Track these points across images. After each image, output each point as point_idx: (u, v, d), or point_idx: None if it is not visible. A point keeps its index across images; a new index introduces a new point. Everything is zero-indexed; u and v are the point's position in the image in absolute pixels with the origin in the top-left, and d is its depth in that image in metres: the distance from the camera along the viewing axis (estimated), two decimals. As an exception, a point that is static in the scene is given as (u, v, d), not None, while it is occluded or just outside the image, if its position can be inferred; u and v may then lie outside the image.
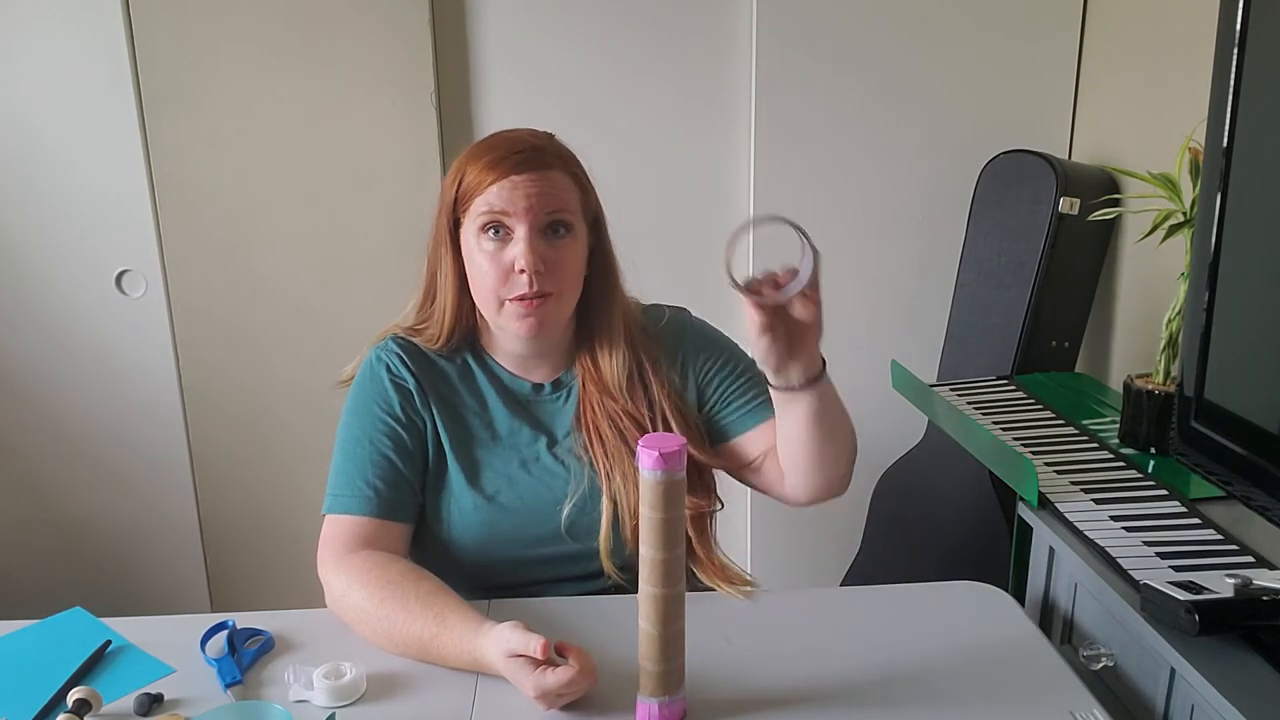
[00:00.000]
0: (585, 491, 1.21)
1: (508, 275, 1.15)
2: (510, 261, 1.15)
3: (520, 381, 1.26)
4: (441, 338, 1.24)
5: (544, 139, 1.20)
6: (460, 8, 2.17)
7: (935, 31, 2.18)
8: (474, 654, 1.02)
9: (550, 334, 1.22)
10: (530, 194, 1.14)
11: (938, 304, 2.24)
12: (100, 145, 2.14)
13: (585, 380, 1.24)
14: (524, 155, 1.15)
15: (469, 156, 1.18)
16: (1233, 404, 1.14)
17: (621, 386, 1.22)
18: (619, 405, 1.22)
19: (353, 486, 1.18)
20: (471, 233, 1.17)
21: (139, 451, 2.31)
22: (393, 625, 1.07)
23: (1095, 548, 1.26)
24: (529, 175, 1.14)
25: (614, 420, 1.21)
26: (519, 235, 1.14)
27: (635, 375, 1.24)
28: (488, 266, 1.16)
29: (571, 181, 1.18)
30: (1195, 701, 1.04)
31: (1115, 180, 2.01)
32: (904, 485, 2.21)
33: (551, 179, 1.16)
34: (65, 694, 1.00)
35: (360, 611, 1.10)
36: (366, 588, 1.10)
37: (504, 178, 1.14)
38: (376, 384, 1.23)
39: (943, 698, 1.01)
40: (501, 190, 1.14)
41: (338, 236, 2.23)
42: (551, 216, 1.15)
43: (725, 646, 1.10)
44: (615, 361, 1.23)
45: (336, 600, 1.14)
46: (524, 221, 1.14)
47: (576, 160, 1.22)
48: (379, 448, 1.20)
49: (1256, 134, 1.09)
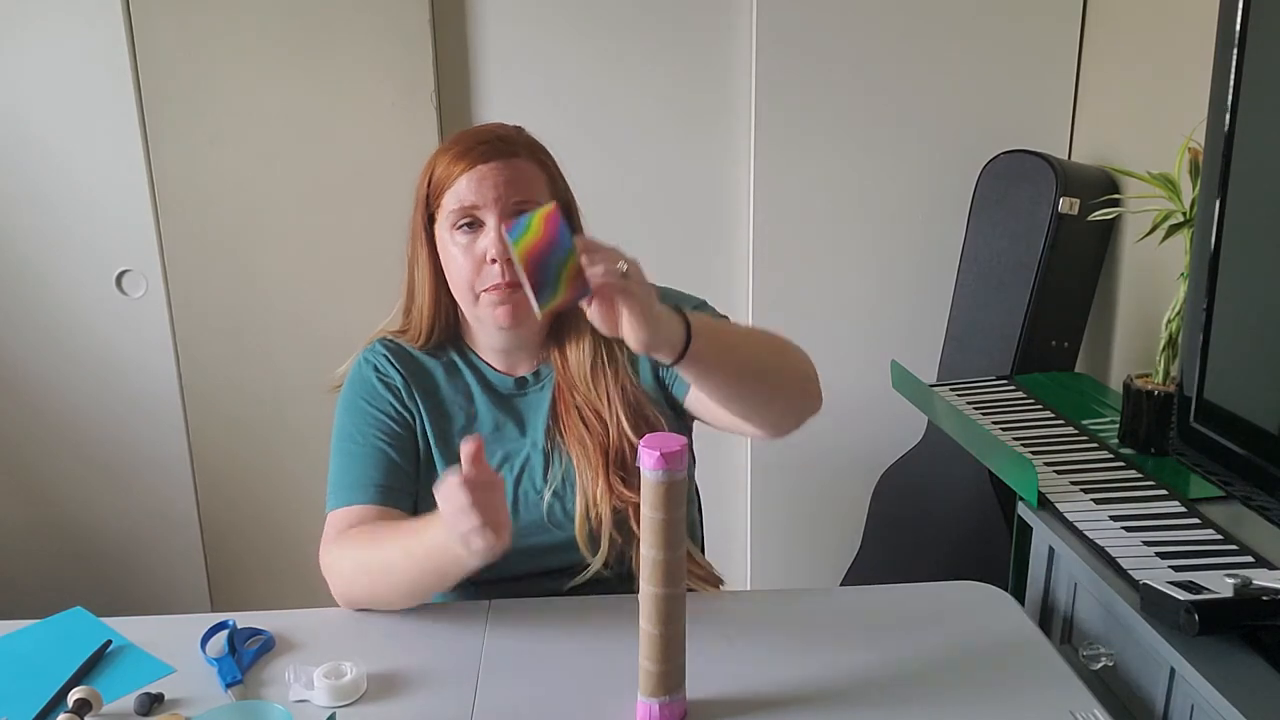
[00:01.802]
0: (561, 480, 1.23)
1: (480, 266, 1.18)
2: (482, 252, 1.18)
3: (504, 377, 1.29)
4: (423, 335, 1.27)
5: (511, 130, 1.23)
6: (460, 8, 2.17)
7: (935, 31, 2.18)
8: (443, 533, 1.01)
9: (527, 323, 1.22)
10: (498, 183, 1.17)
11: (938, 304, 2.24)
12: (100, 145, 2.14)
13: (557, 372, 1.27)
14: (490, 145, 1.18)
15: (438, 152, 1.22)
16: (1232, 404, 1.14)
17: (586, 377, 1.24)
18: (582, 395, 1.24)
19: (351, 481, 1.21)
20: (445, 228, 1.20)
21: (139, 451, 2.31)
22: (385, 558, 1.12)
23: (1095, 548, 1.26)
24: (495, 164, 1.17)
25: (581, 411, 1.24)
26: (490, 224, 1.17)
27: (599, 364, 1.25)
28: (462, 259, 1.19)
29: (539, 169, 1.21)
30: (1195, 701, 1.04)
31: (1115, 180, 2.01)
32: (904, 485, 2.22)
33: (518, 167, 1.19)
34: (65, 694, 1.00)
35: (356, 565, 1.14)
36: (357, 545, 1.15)
37: (471, 168, 1.17)
38: (365, 384, 1.26)
39: (943, 698, 1.01)
40: (470, 181, 1.17)
41: (338, 236, 2.23)
42: (519, 205, 1.17)
43: (725, 646, 1.10)
44: (580, 352, 1.25)
45: (331, 568, 1.17)
46: (493, 211, 1.17)
47: (544, 149, 1.24)
48: (373, 442, 1.22)
49: (1256, 134, 1.09)
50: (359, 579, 1.15)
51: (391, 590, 1.14)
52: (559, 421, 1.25)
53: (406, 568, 1.11)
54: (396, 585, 1.14)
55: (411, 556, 1.10)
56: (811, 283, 2.29)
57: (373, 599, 1.17)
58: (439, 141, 2.17)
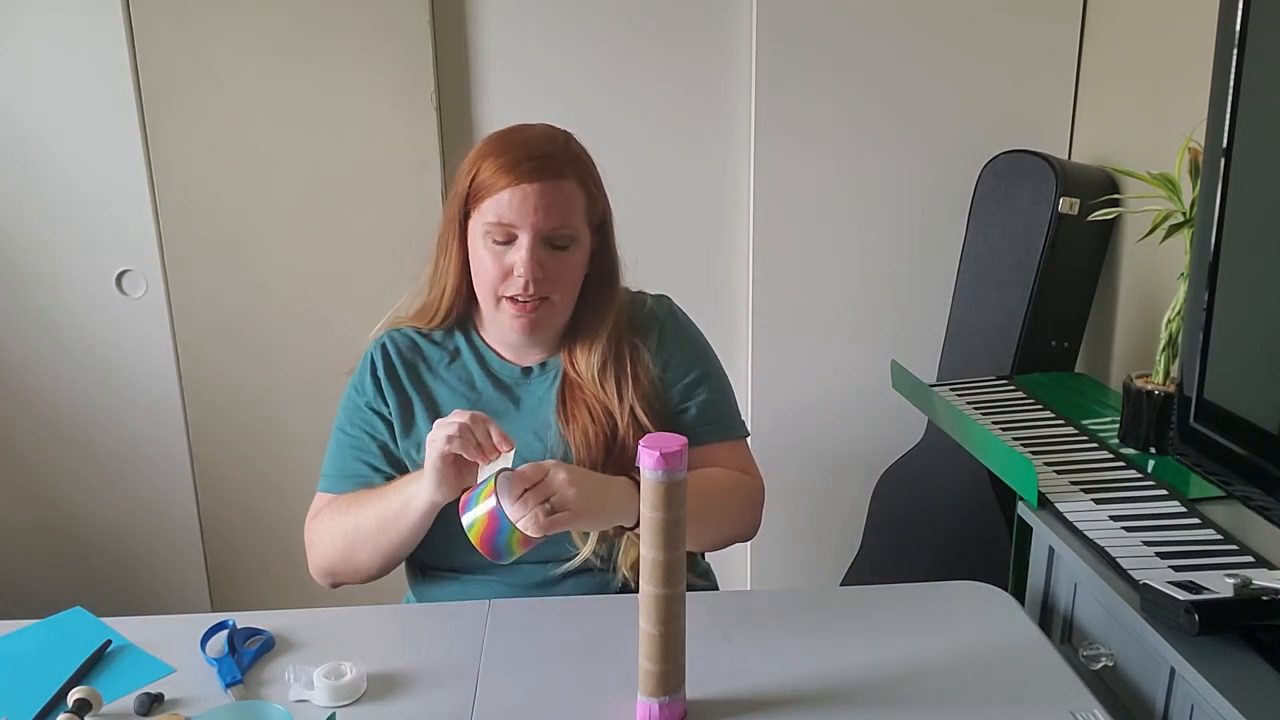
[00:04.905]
0: None
1: (507, 275, 1.20)
2: (511, 264, 1.19)
3: (510, 366, 1.30)
4: (439, 315, 1.30)
5: (560, 144, 1.23)
6: (460, 8, 2.17)
7: (935, 31, 2.17)
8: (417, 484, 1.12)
9: (544, 335, 1.27)
10: (539, 205, 1.17)
11: (938, 304, 2.24)
12: (100, 145, 2.14)
13: (566, 366, 1.29)
14: (538, 163, 1.18)
15: (486, 151, 1.21)
16: (1232, 404, 1.14)
17: (595, 376, 1.26)
18: (592, 393, 1.26)
19: (338, 470, 1.27)
20: (478, 230, 1.21)
21: (139, 451, 2.31)
22: (356, 519, 1.19)
23: (1095, 548, 1.26)
24: (540, 185, 1.17)
25: (589, 404, 1.25)
26: (522, 242, 1.19)
27: (611, 367, 1.26)
28: (490, 263, 1.20)
29: (580, 189, 1.22)
30: (1195, 701, 1.04)
31: (1115, 180, 2.01)
32: (903, 485, 2.21)
33: (562, 189, 1.19)
34: (65, 694, 1.00)
35: (331, 532, 1.22)
36: (331, 515, 1.23)
37: (515, 185, 1.17)
38: (360, 375, 1.31)
39: (943, 698, 1.01)
40: (513, 198, 1.17)
41: (338, 236, 2.23)
42: (556, 229, 1.19)
43: (725, 646, 1.10)
44: (595, 352, 1.27)
45: (310, 541, 1.26)
46: (529, 231, 1.18)
47: (590, 163, 1.25)
48: (361, 432, 1.28)
49: (1256, 134, 1.09)
50: (335, 543, 1.22)
51: (376, 551, 1.19)
52: (565, 411, 1.26)
53: (389, 525, 1.18)
54: (378, 543, 1.19)
55: (395, 509, 1.17)
56: (812, 282, 2.29)
57: (345, 561, 1.22)
58: (439, 142, 2.18)
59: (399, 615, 1.24)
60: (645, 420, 1.24)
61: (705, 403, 1.31)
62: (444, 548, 1.24)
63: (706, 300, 2.25)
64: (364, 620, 1.20)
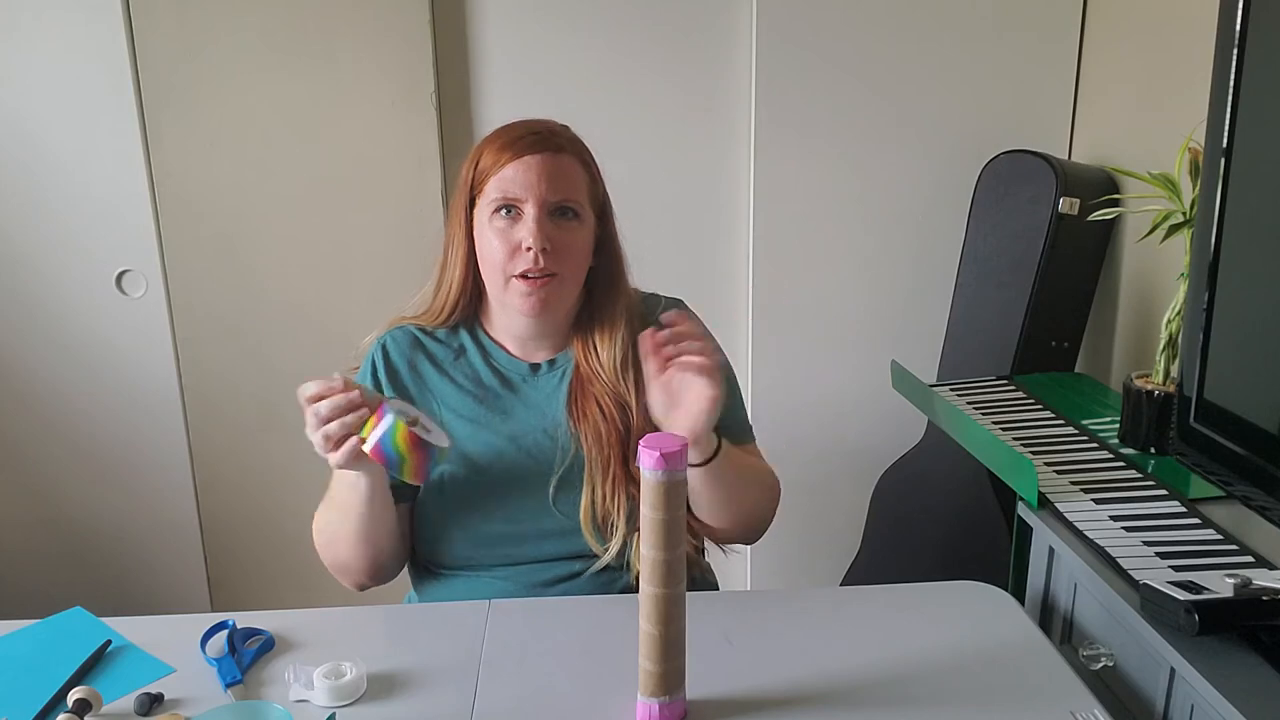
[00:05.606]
0: (570, 466, 1.24)
1: (515, 252, 1.20)
2: (519, 240, 1.20)
3: (517, 362, 1.30)
4: (444, 313, 1.30)
5: (558, 126, 1.26)
6: (460, 8, 2.17)
7: (935, 31, 2.18)
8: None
9: (553, 316, 1.26)
10: (542, 175, 1.19)
11: (938, 304, 2.24)
12: (100, 145, 2.14)
13: (579, 361, 1.28)
14: (538, 136, 1.21)
15: (487, 140, 1.24)
16: (1232, 404, 1.14)
17: (617, 367, 1.26)
18: (607, 385, 1.26)
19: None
20: (484, 212, 1.22)
21: (139, 451, 2.31)
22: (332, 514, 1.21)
23: (1095, 548, 1.26)
24: (542, 156, 1.20)
25: (600, 400, 1.25)
26: (528, 214, 1.20)
27: (629, 362, 1.26)
28: (497, 243, 1.21)
29: (582, 168, 1.24)
30: (1195, 701, 1.04)
31: (1115, 180, 2.01)
32: (903, 485, 2.21)
33: (563, 163, 1.22)
34: (65, 694, 1.00)
35: (319, 534, 1.24)
36: (320, 516, 1.25)
37: (518, 157, 1.20)
38: (363, 376, 1.31)
39: (943, 698, 1.01)
40: (516, 170, 1.19)
41: (337, 236, 2.23)
42: (561, 200, 1.21)
43: (725, 646, 1.10)
44: (613, 346, 1.27)
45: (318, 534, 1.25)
46: (534, 202, 1.19)
47: (588, 150, 1.27)
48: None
49: (1256, 134, 1.09)
50: (320, 541, 1.25)
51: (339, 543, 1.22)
52: (575, 409, 1.26)
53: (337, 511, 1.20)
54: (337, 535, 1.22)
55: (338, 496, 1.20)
56: (811, 282, 2.29)
57: (334, 559, 1.25)
58: (439, 142, 2.18)
59: (399, 615, 1.24)
60: None
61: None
62: (440, 543, 1.25)
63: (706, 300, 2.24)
64: (364, 620, 1.20)
